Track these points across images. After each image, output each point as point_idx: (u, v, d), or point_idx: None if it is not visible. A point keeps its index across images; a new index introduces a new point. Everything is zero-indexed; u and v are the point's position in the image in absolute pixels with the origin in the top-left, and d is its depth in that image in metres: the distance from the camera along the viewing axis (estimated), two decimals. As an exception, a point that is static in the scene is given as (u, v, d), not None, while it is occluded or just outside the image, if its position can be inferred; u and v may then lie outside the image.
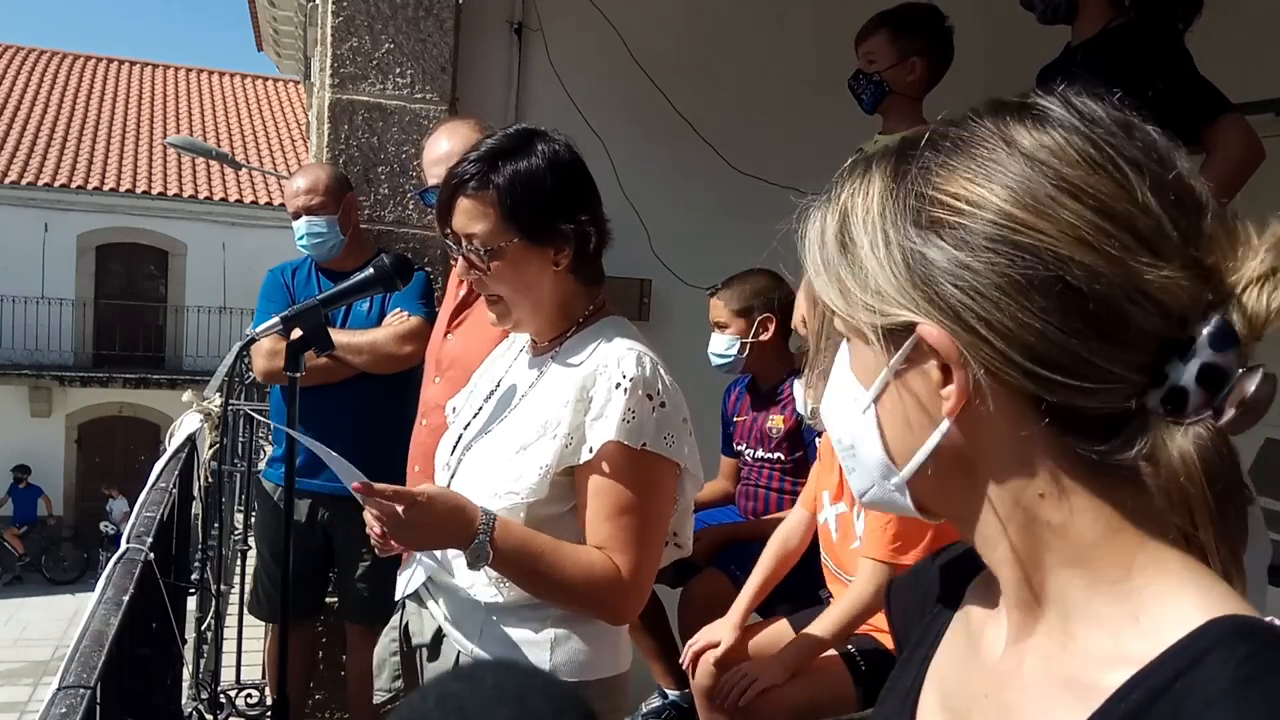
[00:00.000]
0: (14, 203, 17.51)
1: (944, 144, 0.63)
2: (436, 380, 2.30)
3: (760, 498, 2.95)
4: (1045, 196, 0.59)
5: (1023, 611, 0.65)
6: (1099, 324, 0.57)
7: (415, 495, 1.41)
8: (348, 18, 3.27)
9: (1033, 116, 0.62)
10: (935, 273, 0.61)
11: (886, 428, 0.67)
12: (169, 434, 3.14)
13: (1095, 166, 0.59)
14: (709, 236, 3.88)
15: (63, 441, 18.27)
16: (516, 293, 1.57)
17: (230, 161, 15.14)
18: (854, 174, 0.67)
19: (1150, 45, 2.38)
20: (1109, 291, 0.57)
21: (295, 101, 21.94)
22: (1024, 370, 0.59)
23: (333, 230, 2.97)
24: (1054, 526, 0.62)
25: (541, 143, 1.56)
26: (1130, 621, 0.59)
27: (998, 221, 0.59)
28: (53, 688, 1.45)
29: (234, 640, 3.57)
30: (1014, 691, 0.64)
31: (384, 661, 1.78)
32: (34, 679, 11.51)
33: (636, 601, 1.54)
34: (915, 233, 0.62)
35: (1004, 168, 0.60)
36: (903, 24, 2.74)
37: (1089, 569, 0.61)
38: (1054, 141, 0.60)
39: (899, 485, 0.67)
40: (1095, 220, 0.58)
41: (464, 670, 0.66)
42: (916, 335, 0.62)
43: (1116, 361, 0.58)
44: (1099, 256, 0.57)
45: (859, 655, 2.27)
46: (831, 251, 0.67)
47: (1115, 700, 0.57)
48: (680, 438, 1.51)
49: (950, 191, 0.61)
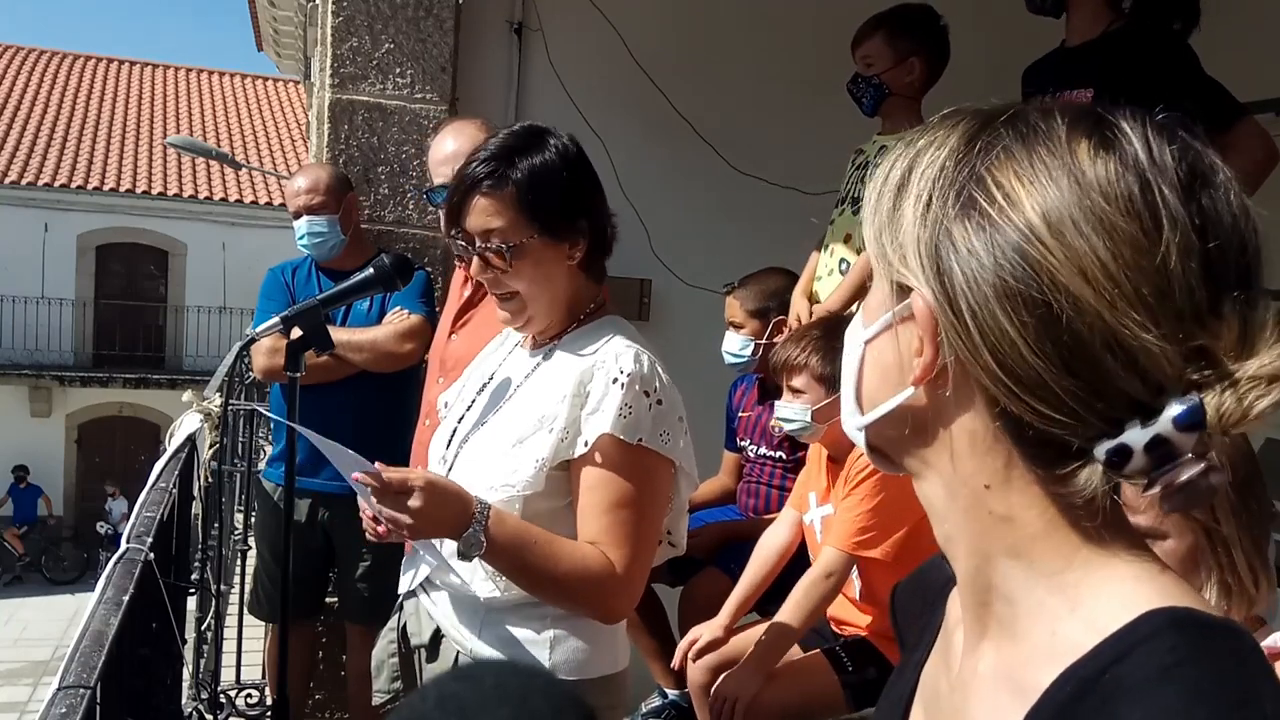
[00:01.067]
0: (14, 203, 17.51)
1: (1022, 128, 0.62)
2: (440, 381, 2.30)
3: (761, 495, 2.95)
4: (1070, 220, 0.57)
5: (976, 604, 0.65)
6: (1068, 358, 0.57)
7: (415, 481, 1.40)
8: (348, 18, 3.27)
9: (1102, 138, 0.59)
10: (950, 250, 0.61)
11: (866, 371, 0.68)
12: (169, 434, 3.14)
13: (1131, 212, 0.57)
14: (709, 236, 3.89)
15: (63, 441, 18.27)
16: (534, 288, 1.57)
17: (230, 161, 15.15)
18: (942, 125, 0.66)
19: (1155, 51, 2.37)
20: (1086, 332, 0.56)
21: (295, 101, 21.93)
22: (989, 371, 0.59)
23: (333, 230, 2.98)
24: (997, 515, 0.62)
25: (552, 139, 1.57)
26: (1067, 612, 0.59)
27: (1019, 226, 0.59)
28: (53, 688, 1.45)
29: (234, 640, 3.57)
30: (969, 692, 0.65)
31: (382, 663, 1.78)
32: (34, 679, 11.51)
33: (629, 597, 1.53)
34: (953, 205, 0.62)
35: (1050, 176, 0.59)
36: (899, 25, 2.74)
37: (1029, 560, 0.61)
38: (1107, 171, 0.58)
39: (859, 427, 0.69)
40: (1104, 261, 0.56)
41: (464, 670, 0.66)
42: (910, 299, 0.63)
43: (1079, 400, 0.57)
44: (1092, 295, 0.56)
45: (843, 651, 2.28)
46: (887, 192, 0.67)
47: (1049, 694, 0.57)
48: (676, 436, 1.52)
49: (996, 179, 0.61)
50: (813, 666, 2.26)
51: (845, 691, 2.24)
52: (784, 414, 2.34)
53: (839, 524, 2.20)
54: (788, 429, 2.36)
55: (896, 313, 0.64)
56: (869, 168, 2.80)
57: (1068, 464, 0.59)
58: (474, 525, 1.42)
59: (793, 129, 3.76)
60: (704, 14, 3.95)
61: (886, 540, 2.15)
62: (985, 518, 0.63)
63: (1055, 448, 0.59)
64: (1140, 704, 0.52)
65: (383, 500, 1.40)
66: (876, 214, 0.67)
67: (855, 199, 2.80)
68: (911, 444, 0.66)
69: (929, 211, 0.63)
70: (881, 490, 2.15)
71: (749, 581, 2.41)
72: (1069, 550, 0.60)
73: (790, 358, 2.32)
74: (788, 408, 2.32)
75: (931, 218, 0.62)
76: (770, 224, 3.69)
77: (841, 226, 2.86)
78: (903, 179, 0.66)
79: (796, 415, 2.30)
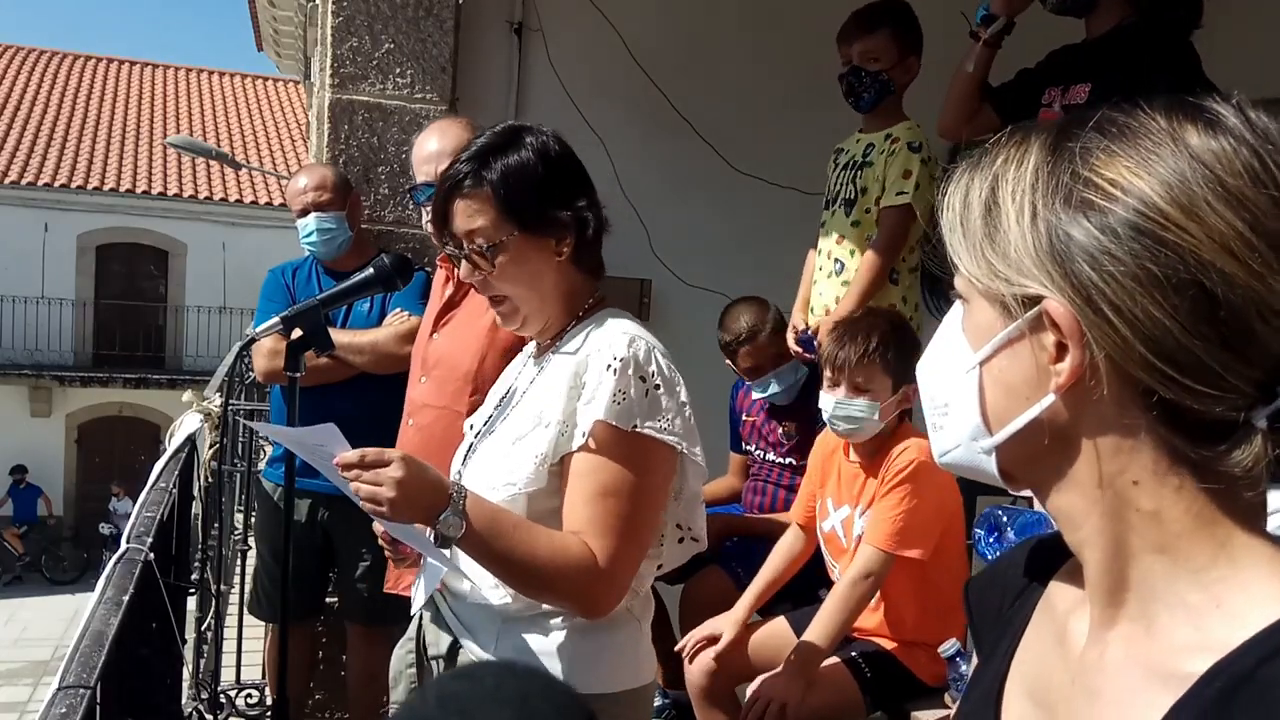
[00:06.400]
0: (14, 203, 17.50)
1: (1110, 129, 0.64)
2: (423, 380, 2.30)
3: (769, 494, 2.95)
4: (1201, 199, 0.59)
5: (1105, 597, 0.66)
6: (1225, 332, 0.58)
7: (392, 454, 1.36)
8: (348, 18, 3.27)
9: (1205, 120, 0.62)
10: (1075, 252, 0.62)
11: (989, 390, 0.68)
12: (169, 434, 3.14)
13: (1257, 181, 0.59)
14: (709, 236, 3.89)
15: (63, 441, 18.27)
16: (521, 287, 1.56)
17: (230, 161, 15.14)
18: (1010, 143, 0.68)
19: (1155, 45, 2.38)
20: (1242, 304, 0.58)
21: (295, 101, 21.93)
22: (1143, 361, 0.60)
23: (341, 226, 2.98)
24: (1144, 513, 0.63)
25: (529, 135, 1.56)
26: (1212, 608, 0.60)
27: (1147, 214, 0.60)
28: (53, 688, 1.45)
29: (234, 640, 3.57)
30: (1098, 678, 0.65)
31: (400, 674, 1.74)
32: (34, 679, 11.51)
33: (611, 592, 1.47)
34: (1063, 209, 0.63)
35: (1166, 163, 0.61)
36: (901, 23, 2.75)
37: (1174, 556, 0.62)
38: (1222, 148, 0.60)
39: (988, 449, 0.69)
40: (1244, 232, 0.58)
41: (465, 671, 0.66)
42: (1042, 308, 0.63)
43: (1235, 372, 0.59)
44: (1240, 267, 0.58)
45: (862, 659, 2.27)
46: (975, 213, 0.68)
47: (1200, 686, 0.58)
48: (678, 421, 1.48)
49: (1107, 176, 0.62)
50: (832, 674, 2.25)
51: (864, 694, 2.24)
52: (846, 411, 2.20)
53: (877, 523, 2.18)
54: (844, 429, 2.23)
55: (1021, 324, 0.65)
56: (857, 168, 2.79)
57: (1226, 440, 0.60)
58: (450, 506, 1.37)
59: (793, 129, 3.76)
60: (703, 14, 3.96)
61: (926, 539, 2.15)
62: (1131, 516, 0.63)
63: (1213, 427, 0.60)
64: None
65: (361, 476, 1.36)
66: (968, 238, 0.68)
67: (849, 200, 2.79)
68: (1050, 457, 0.66)
69: (1036, 220, 0.64)
70: (919, 490, 2.15)
71: (764, 581, 2.41)
72: (1214, 547, 0.61)
73: (857, 355, 2.19)
74: (851, 405, 2.19)
75: (1042, 225, 0.64)
76: (770, 224, 3.70)
77: (833, 227, 2.85)
78: (989, 199, 0.67)
79: (863, 413, 2.18)
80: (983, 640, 0.82)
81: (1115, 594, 0.65)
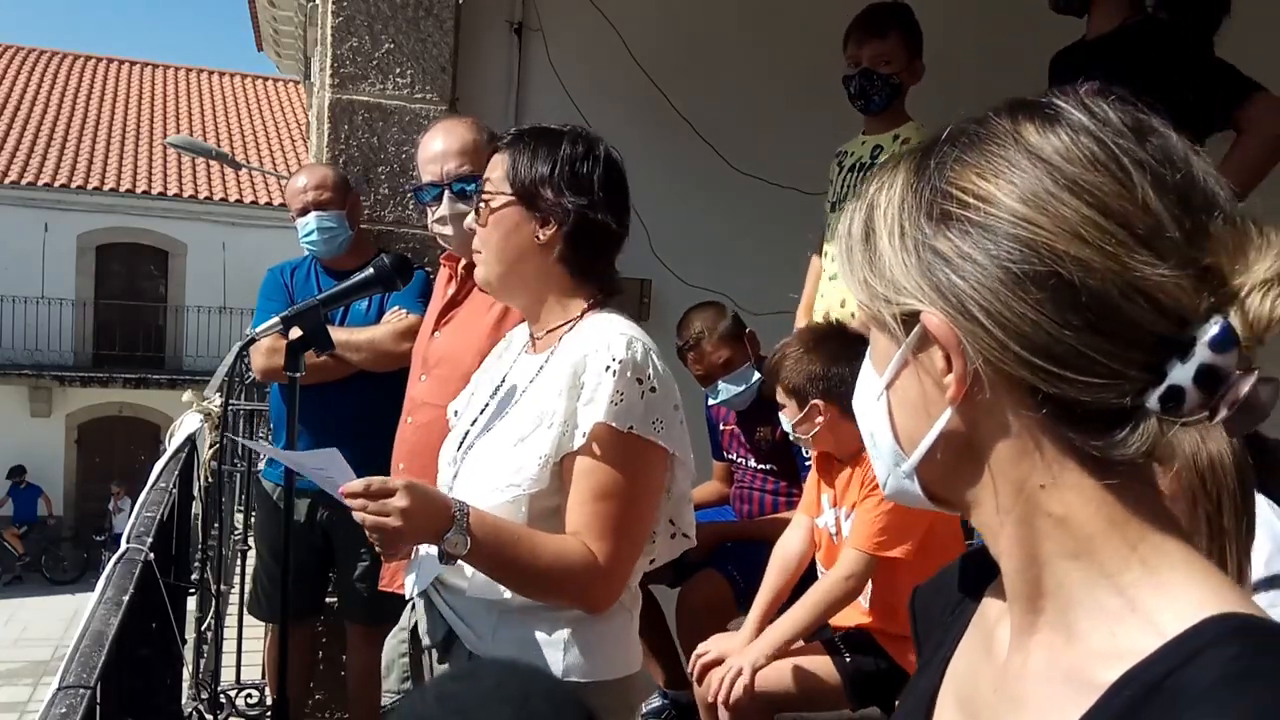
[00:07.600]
0: (14, 203, 17.51)
1: (961, 139, 0.65)
2: (423, 378, 2.30)
3: (756, 500, 2.96)
4: (1045, 192, 0.60)
5: (1025, 604, 0.66)
6: (1091, 317, 0.59)
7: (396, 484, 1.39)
8: (348, 18, 3.27)
9: (1044, 116, 0.63)
10: (941, 264, 0.63)
11: (897, 414, 0.69)
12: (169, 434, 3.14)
13: (1097, 165, 0.60)
14: (709, 236, 3.89)
15: (63, 441, 18.27)
16: (491, 249, 1.63)
17: (230, 161, 15.15)
18: (884, 170, 0.70)
19: (1169, 40, 2.39)
20: (1102, 287, 0.58)
21: (295, 101, 21.93)
22: (1020, 360, 0.60)
23: (342, 225, 2.98)
24: (1055, 518, 0.63)
25: (593, 142, 1.64)
26: (1128, 613, 0.60)
27: (1000, 216, 0.61)
28: (53, 688, 1.45)
29: (234, 640, 3.57)
30: (1020, 686, 0.65)
31: (393, 662, 1.76)
32: (34, 679, 11.51)
33: (612, 590, 1.52)
34: (927, 224, 0.64)
35: (1011, 164, 0.62)
36: (908, 26, 2.76)
37: (1088, 561, 0.62)
38: (1060, 141, 0.61)
39: (908, 472, 0.69)
40: (1092, 216, 0.59)
41: (464, 670, 0.66)
42: (921, 323, 0.64)
43: (1112, 357, 0.59)
44: (1093, 251, 0.58)
45: (840, 640, 2.28)
46: (856, 242, 0.69)
47: (1110, 695, 0.57)
48: (670, 424, 1.51)
49: (960, 186, 0.63)
50: (810, 655, 2.26)
51: (844, 681, 2.24)
52: (785, 427, 2.40)
53: (859, 525, 2.20)
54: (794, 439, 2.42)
55: (909, 344, 0.66)
56: (865, 170, 2.79)
57: (1123, 428, 0.60)
58: (455, 525, 1.40)
59: (793, 129, 3.76)
60: (703, 14, 3.95)
61: (907, 540, 2.15)
62: (1042, 522, 0.63)
63: (1110, 418, 0.60)
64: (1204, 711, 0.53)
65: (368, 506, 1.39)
66: (852, 266, 0.70)
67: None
68: (963, 472, 0.67)
69: (905, 239, 0.65)
70: None
71: (768, 596, 2.37)
72: (1125, 549, 0.61)
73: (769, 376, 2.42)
74: (784, 420, 2.39)
75: (911, 243, 0.65)
76: (770, 224, 3.70)
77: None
78: (865, 225, 0.69)
79: (787, 428, 2.39)
80: (923, 647, 0.83)
81: (1033, 601, 0.65)
